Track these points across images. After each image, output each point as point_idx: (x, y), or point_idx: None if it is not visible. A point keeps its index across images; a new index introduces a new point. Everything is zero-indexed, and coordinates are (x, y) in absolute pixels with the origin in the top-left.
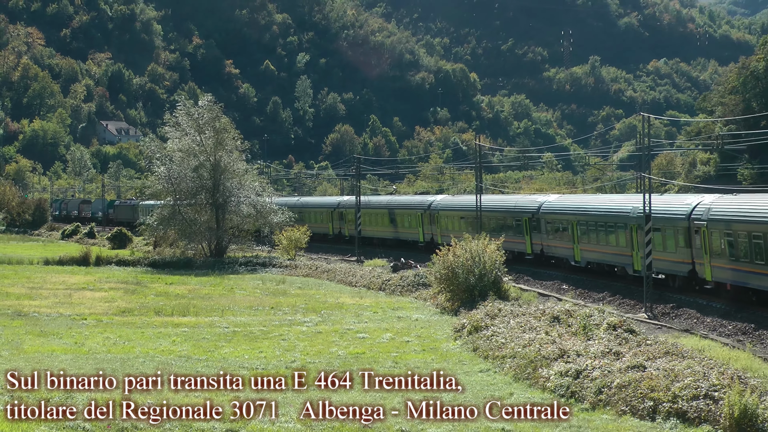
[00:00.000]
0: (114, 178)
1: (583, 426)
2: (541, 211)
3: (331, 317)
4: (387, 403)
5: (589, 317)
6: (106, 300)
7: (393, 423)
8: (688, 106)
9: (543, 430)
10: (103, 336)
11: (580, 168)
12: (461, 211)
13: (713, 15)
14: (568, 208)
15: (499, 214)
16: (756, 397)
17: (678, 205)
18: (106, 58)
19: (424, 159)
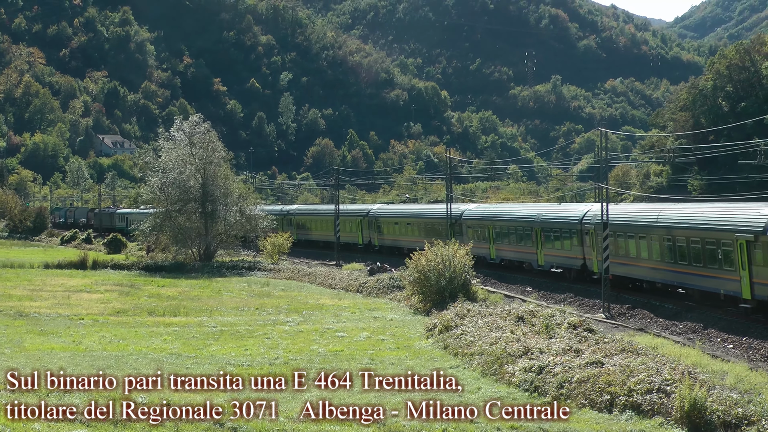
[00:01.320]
0: (110, 188)
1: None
2: (463, 217)
3: (311, 317)
4: (387, 403)
5: (552, 317)
6: (102, 301)
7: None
8: (642, 121)
9: (508, 422)
10: (99, 335)
11: (543, 179)
12: (404, 218)
13: (665, 38)
14: (485, 215)
15: (430, 220)
16: (705, 391)
17: (573, 212)
18: (103, 76)
19: (399, 170)
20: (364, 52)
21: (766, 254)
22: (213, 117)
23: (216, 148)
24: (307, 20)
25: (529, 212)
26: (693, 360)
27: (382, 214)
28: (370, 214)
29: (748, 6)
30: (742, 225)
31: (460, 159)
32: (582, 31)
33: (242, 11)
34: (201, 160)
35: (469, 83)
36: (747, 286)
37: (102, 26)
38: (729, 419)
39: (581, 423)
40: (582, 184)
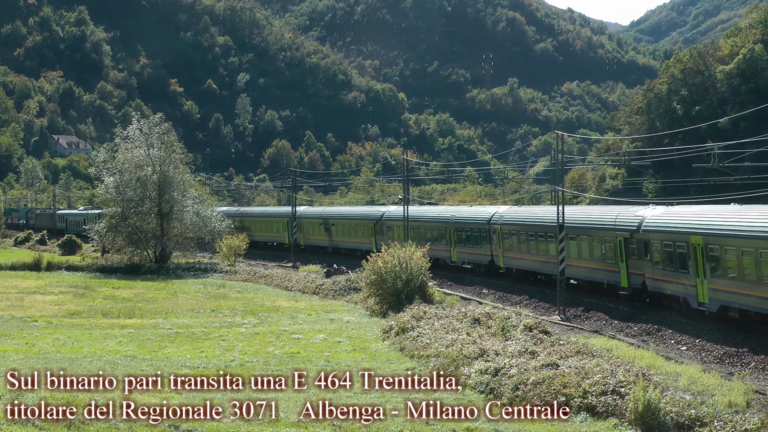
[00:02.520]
0: (64, 189)
1: (500, 420)
2: (383, 218)
3: (268, 319)
4: (387, 403)
5: (507, 319)
6: (56, 303)
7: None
8: (598, 124)
9: (464, 424)
10: (53, 337)
11: (500, 181)
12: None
13: (621, 42)
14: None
15: (354, 221)
16: (658, 392)
17: (482, 213)
18: (58, 76)
19: (356, 172)
20: (321, 53)
21: (639, 249)
22: (169, 118)
23: (174, 149)
24: (264, 21)
25: (443, 214)
26: (647, 362)
27: (305, 215)
28: (301, 215)
29: (703, 11)
30: (621, 225)
31: (417, 161)
32: (539, 35)
33: (199, 12)
34: (159, 160)
35: (426, 85)
36: (624, 276)
37: (57, 26)
38: (682, 420)
39: (536, 424)
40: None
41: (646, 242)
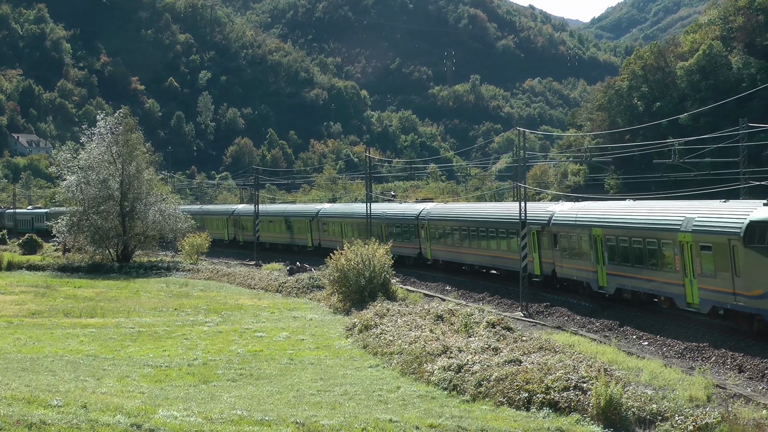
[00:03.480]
0: (25, 188)
1: (464, 416)
2: (319, 215)
3: (230, 317)
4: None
5: (470, 316)
6: (17, 303)
7: (289, 415)
8: (560, 121)
9: (427, 420)
10: (13, 337)
11: (463, 178)
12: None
13: (582, 39)
14: (337, 213)
15: (293, 218)
16: (620, 387)
17: (412, 209)
18: (18, 74)
19: (319, 170)
20: (283, 51)
21: (549, 241)
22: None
23: (138, 147)
24: (226, 19)
25: (376, 211)
26: (609, 357)
27: (243, 213)
28: (234, 213)
29: (663, 7)
30: (535, 219)
31: (379, 158)
32: (501, 31)
33: (160, 9)
34: (121, 158)
35: (388, 83)
36: (537, 265)
37: (16, 23)
38: (644, 415)
39: (499, 421)
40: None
41: (555, 234)
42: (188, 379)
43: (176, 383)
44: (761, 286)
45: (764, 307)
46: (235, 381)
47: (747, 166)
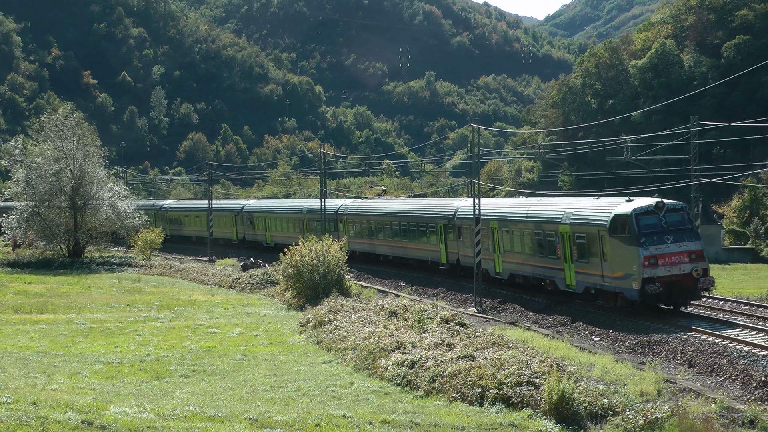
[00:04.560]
0: None
1: (417, 412)
2: (244, 210)
3: (183, 313)
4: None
5: (424, 311)
6: None
7: (242, 411)
8: (514, 118)
9: (381, 416)
10: None
11: (417, 174)
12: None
13: (536, 36)
14: (263, 208)
15: (221, 213)
16: (572, 383)
17: (331, 205)
18: None
19: (273, 165)
20: (237, 46)
21: (454, 233)
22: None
23: (88, 141)
24: (179, 13)
25: (297, 206)
26: (561, 353)
27: (171, 208)
28: (162, 208)
29: (616, 5)
30: (441, 213)
31: (334, 154)
32: (455, 28)
33: (113, 3)
34: (72, 153)
35: (343, 78)
36: (444, 254)
37: None
38: (595, 410)
39: (452, 416)
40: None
41: (459, 227)
42: (140, 376)
43: (128, 379)
44: (622, 269)
45: (624, 286)
46: (188, 377)
47: (698, 164)
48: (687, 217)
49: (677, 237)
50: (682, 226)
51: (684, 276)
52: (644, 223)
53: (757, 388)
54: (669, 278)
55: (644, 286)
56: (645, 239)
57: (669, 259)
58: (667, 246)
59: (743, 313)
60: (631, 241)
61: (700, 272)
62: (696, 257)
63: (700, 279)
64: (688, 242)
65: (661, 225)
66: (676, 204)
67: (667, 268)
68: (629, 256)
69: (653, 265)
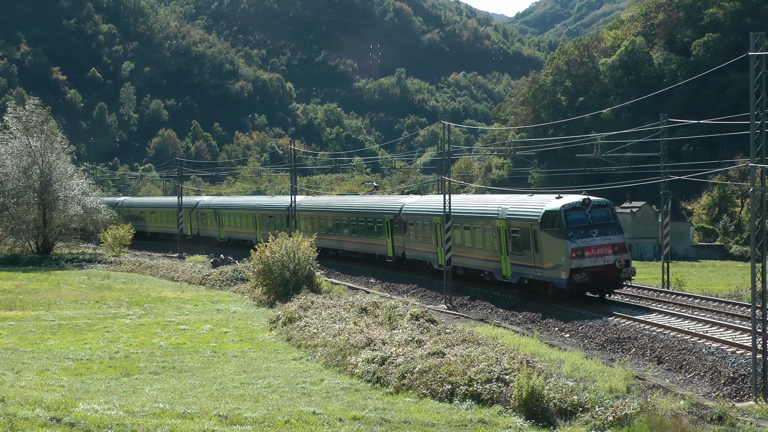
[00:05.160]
0: None
1: (387, 408)
2: (198, 206)
3: (153, 310)
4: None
5: (395, 308)
6: None
7: (212, 408)
8: (484, 115)
9: (351, 412)
10: None
11: (388, 171)
12: (147, 208)
13: (507, 33)
14: (216, 204)
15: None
16: (542, 379)
17: (284, 202)
18: None
19: (243, 162)
20: (208, 42)
21: (400, 228)
22: (52, 106)
23: (55, 138)
24: (149, 9)
25: (250, 203)
26: (531, 349)
27: (129, 204)
28: (118, 204)
29: (586, 3)
30: (388, 209)
31: (305, 151)
32: (426, 25)
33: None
34: (39, 150)
35: (314, 75)
36: (390, 248)
37: None
38: (565, 406)
39: (422, 413)
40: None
41: (404, 222)
42: (110, 372)
43: (97, 376)
44: (552, 260)
45: (554, 276)
46: (158, 374)
47: (667, 161)
48: (611, 213)
49: (602, 231)
50: (606, 221)
51: (608, 267)
52: (572, 218)
53: (726, 385)
54: (594, 269)
55: (572, 276)
56: (573, 233)
57: (594, 251)
58: (593, 239)
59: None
60: (560, 234)
61: (622, 263)
62: (619, 249)
63: (623, 269)
64: (612, 236)
65: (587, 220)
66: (601, 201)
67: (592, 259)
68: (558, 248)
69: (580, 257)
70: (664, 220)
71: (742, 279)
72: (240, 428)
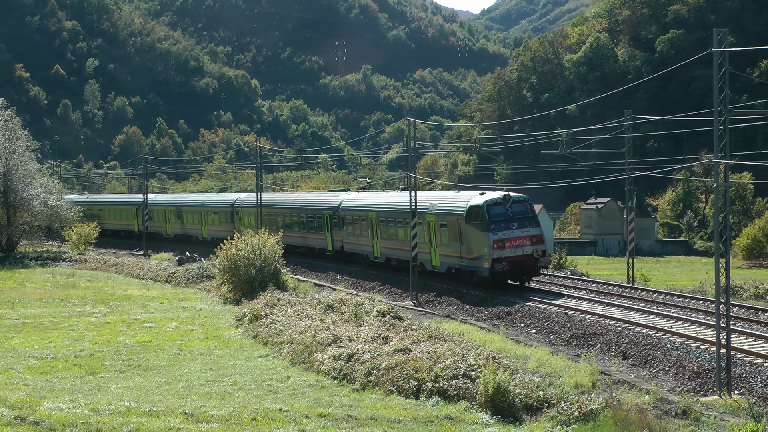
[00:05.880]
0: None
1: (354, 405)
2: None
3: (119, 308)
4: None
5: (361, 305)
6: None
7: (178, 406)
8: (450, 112)
9: (317, 409)
10: None
11: (354, 168)
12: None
13: (472, 30)
14: (162, 202)
15: (122, 207)
16: (508, 375)
17: (228, 199)
18: None
19: (209, 159)
20: (173, 39)
21: (338, 222)
22: (16, 104)
23: (19, 136)
24: (113, 6)
25: (197, 200)
26: (497, 345)
27: (82, 202)
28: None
29: (551, 0)
30: (327, 205)
31: (270, 148)
32: (392, 22)
33: None
34: (2, 149)
35: (279, 72)
36: (329, 242)
37: None
38: (531, 402)
39: (389, 409)
40: (392, 173)
41: (343, 218)
42: (75, 371)
43: (62, 375)
44: (476, 251)
45: (478, 266)
46: (123, 372)
47: (632, 157)
48: (529, 208)
49: (521, 224)
50: (525, 215)
51: (526, 256)
52: (494, 212)
53: (690, 379)
54: (514, 258)
55: (494, 265)
56: (494, 226)
57: (514, 242)
58: (513, 231)
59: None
60: (483, 227)
61: (539, 253)
62: (536, 241)
63: (540, 259)
64: (530, 228)
65: (507, 214)
66: (520, 196)
67: (512, 249)
68: (482, 240)
69: (501, 248)
70: (629, 216)
71: (706, 274)
72: (206, 426)
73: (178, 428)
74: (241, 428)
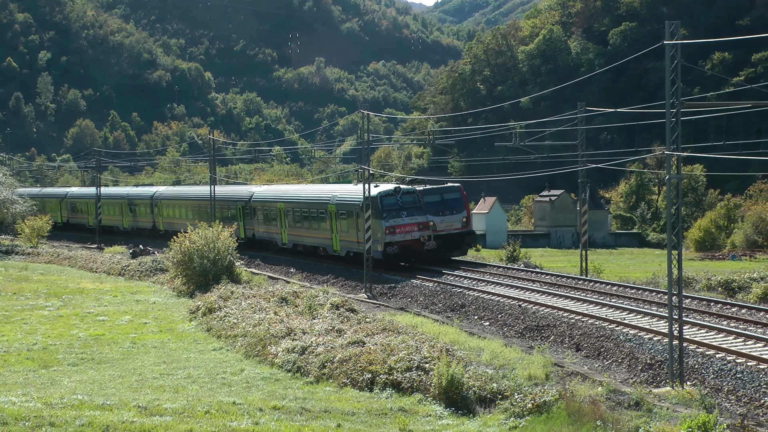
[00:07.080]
0: None
1: (307, 398)
2: (67, 197)
3: (72, 301)
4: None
5: (315, 298)
6: None
7: (132, 399)
8: (404, 104)
9: (271, 402)
10: None
11: (307, 161)
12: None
13: (426, 22)
14: (84, 194)
15: (50, 199)
16: (461, 367)
17: (148, 191)
18: None
19: (162, 152)
20: (125, 31)
21: (250, 213)
22: None
23: None
24: None
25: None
26: (451, 338)
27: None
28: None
29: None
30: (240, 197)
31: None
32: (345, 14)
33: None
34: None
35: (233, 65)
36: (242, 230)
37: None
38: (484, 394)
39: (343, 402)
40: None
41: (254, 208)
42: (27, 365)
43: (15, 368)
44: (372, 237)
45: (373, 249)
46: (77, 365)
47: (585, 149)
48: (417, 198)
49: (410, 213)
50: (413, 204)
51: (414, 241)
52: (386, 202)
53: (643, 371)
54: (403, 243)
55: (386, 249)
56: (387, 214)
57: (403, 228)
58: (402, 219)
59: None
60: (377, 215)
61: (426, 238)
62: (423, 227)
63: (426, 243)
64: (417, 216)
65: (398, 204)
66: (410, 188)
67: (402, 235)
68: (376, 227)
69: (392, 233)
70: (582, 209)
71: (659, 266)
72: (159, 419)
73: (132, 421)
74: (195, 421)
